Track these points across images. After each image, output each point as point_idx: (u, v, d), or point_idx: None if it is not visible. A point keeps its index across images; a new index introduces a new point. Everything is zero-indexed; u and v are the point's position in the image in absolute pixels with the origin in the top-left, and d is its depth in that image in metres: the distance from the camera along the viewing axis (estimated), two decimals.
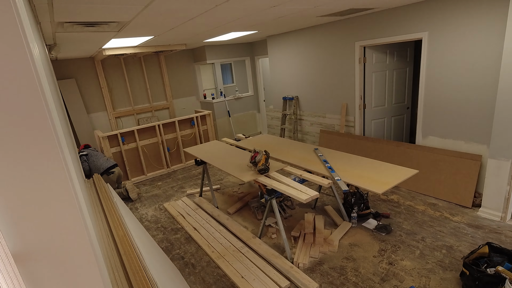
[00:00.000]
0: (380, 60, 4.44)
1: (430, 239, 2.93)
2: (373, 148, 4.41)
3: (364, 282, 2.49)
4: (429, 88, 3.71)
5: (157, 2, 2.16)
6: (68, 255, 0.90)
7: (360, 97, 4.57)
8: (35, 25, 1.92)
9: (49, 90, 1.33)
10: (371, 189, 2.48)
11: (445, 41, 3.42)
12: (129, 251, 2.06)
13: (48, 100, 0.95)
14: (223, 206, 4.02)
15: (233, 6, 2.61)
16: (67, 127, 3.06)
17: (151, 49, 5.15)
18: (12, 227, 0.80)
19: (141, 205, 4.35)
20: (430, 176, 3.75)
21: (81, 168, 3.66)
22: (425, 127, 3.87)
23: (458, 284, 2.36)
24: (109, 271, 1.73)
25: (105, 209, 2.91)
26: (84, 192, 2.04)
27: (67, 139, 1.85)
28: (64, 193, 0.86)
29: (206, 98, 7.22)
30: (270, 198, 2.83)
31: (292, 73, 5.74)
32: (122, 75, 6.24)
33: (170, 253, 3.13)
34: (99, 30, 2.96)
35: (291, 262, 2.76)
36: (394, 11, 3.81)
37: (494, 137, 3.01)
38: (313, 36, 5.05)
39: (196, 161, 3.91)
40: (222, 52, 6.87)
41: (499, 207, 3.11)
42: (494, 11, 2.97)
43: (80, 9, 2.14)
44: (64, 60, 5.57)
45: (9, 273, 0.76)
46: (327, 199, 3.96)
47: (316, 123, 5.52)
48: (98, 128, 6.05)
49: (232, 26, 3.80)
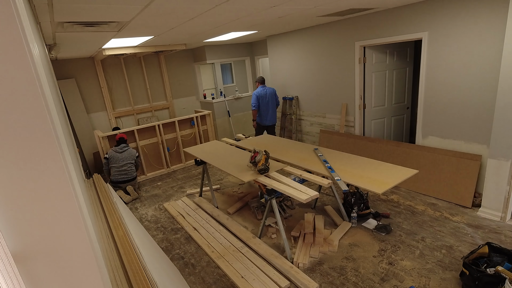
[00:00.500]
0: (380, 60, 4.44)
1: (430, 239, 2.93)
2: (373, 148, 4.41)
3: (364, 282, 2.49)
4: (429, 88, 3.71)
5: (157, 2, 2.16)
6: (68, 255, 0.90)
7: (360, 97, 4.57)
8: (35, 25, 1.92)
9: (49, 90, 1.33)
10: (371, 189, 2.48)
11: (445, 41, 3.42)
12: (129, 251, 2.06)
13: (48, 100, 0.95)
14: (223, 206, 4.02)
15: (233, 6, 2.61)
16: (67, 127, 3.06)
17: (151, 49, 5.15)
18: (12, 227, 0.80)
19: (141, 205, 4.35)
20: (430, 176, 3.75)
21: (81, 168, 3.65)
22: (425, 127, 3.87)
23: (458, 284, 2.36)
24: (109, 271, 1.73)
25: (105, 209, 2.91)
26: (84, 192, 2.04)
27: (67, 139, 1.85)
28: (64, 193, 0.86)
29: (206, 98, 7.22)
30: (270, 198, 2.83)
31: (292, 73, 5.74)
32: (122, 75, 6.24)
33: (170, 253, 3.13)
34: (99, 30, 2.96)
35: (291, 262, 2.76)
36: (394, 11, 3.81)
37: (494, 137, 3.01)
38: (313, 36, 5.05)
39: (196, 161, 3.91)
40: (222, 52, 6.88)
41: (499, 207, 3.11)
42: (494, 11, 2.97)
43: (80, 9, 2.14)
44: (64, 60, 5.57)
45: (9, 273, 0.76)
46: (327, 199, 3.96)
47: (316, 123, 5.52)
48: (98, 128, 6.05)
49: (232, 26, 3.80)
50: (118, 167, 4.52)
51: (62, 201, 0.86)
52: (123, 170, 4.53)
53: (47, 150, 0.81)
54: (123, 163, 4.53)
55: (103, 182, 3.97)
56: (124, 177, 4.54)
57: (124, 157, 4.55)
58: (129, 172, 4.58)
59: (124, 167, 4.54)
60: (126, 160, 4.55)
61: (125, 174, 4.54)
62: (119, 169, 4.52)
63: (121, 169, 4.52)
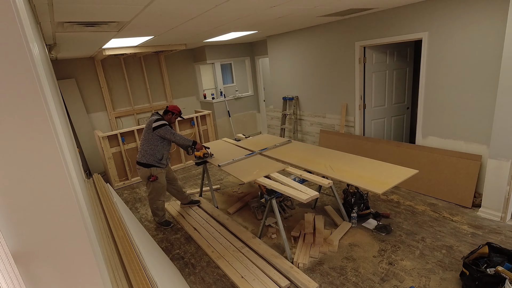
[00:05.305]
0: (380, 60, 4.44)
1: (430, 239, 2.93)
2: (373, 148, 4.41)
3: (364, 282, 2.49)
4: (429, 88, 3.71)
5: (157, 2, 2.16)
6: (68, 255, 0.90)
7: (360, 97, 4.57)
8: (35, 25, 1.92)
9: (49, 90, 1.33)
10: (371, 189, 2.48)
11: (445, 41, 3.42)
12: (129, 251, 2.06)
13: (48, 100, 0.95)
14: (223, 206, 4.02)
15: (233, 6, 2.61)
16: (67, 127, 3.06)
17: (151, 49, 5.15)
18: (12, 227, 0.80)
19: (141, 205, 4.35)
20: (430, 176, 3.75)
21: (81, 168, 3.64)
22: (425, 127, 3.87)
23: (458, 284, 2.36)
24: (109, 271, 1.73)
25: (105, 209, 2.91)
26: (84, 192, 2.04)
27: (67, 139, 1.85)
28: (64, 193, 0.86)
29: (206, 98, 7.22)
30: (270, 198, 2.83)
31: (292, 73, 5.73)
32: (122, 75, 6.23)
33: (170, 253, 3.13)
34: (99, 30, 2.96)
35: (291, 262, 2.76)
36: (394, 11, 3.81)
37: (494, 137, 3.01)
38: (313, 36, 5.05)
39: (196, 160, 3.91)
40: (222, 52, 6.87)
41: (499, 207, 3.11)
42: (494, 11, 2.96)
43: (80, 9, 2.14)
44: (64, 60, 5.57)
45: (9, 273, 0.76)
46: (327, 199, 3.96)
47: (316, 123, 5.52)
48: (98, 128, 6.05)
49: (232, 26, 3.80)
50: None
51: (62, 201, 0.86)
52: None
53: (47, 150, 0.81)
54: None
55: (103, 182, 3.97)
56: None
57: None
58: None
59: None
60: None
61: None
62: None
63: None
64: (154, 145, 3.35)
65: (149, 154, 3.34)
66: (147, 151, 3.34)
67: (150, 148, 3.34)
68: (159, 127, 3.31)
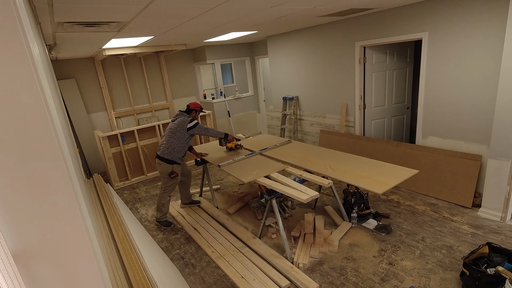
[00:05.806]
0: (380, 60, 4.44)
1: (430, 239, 2.93)
2: (373, 148, 4.41)
3: (364, 282, 2.48)
4: (429, 88, 3.71)
5: (157, 2, 2.16)
6: (68, 255, 0.90)
7: (360, 97, 4.57)
8: (35, 25, 1.92)
9: (49, 90, 1.33)
10: (371, 189, 2.48)
11: (445, 41, 3.42)
12: (129, 251, 2.06)
13: (48, 100, 0.95)
14: (223, 206, 4.02)
15: (233, 6, 2.61)
16: (67, 127, 3.06)
17: (151, 49, 5.15)
18: (12, 227, 0.80)
19: (141, 205, 4.35)
20: (430, 176, 3.75)
21: (81, 168, 3.64)
22: (425, 127, 3.87)
23: (458, 284, 2.36)
24: (109, 271, 1.73)
25: (105, 209, 2.91)
26: (84, 192, 2.04)
27: (67, 139, 1.85)
28: (64, 193, 0.86)
29: (206, 98, 7.22)
30: (270, 198, 2.83)
31: (292, 73, 5.73)
32: (122, 75, 6.23)
33: (170, 253, 3.13)
34: (99, 30, 2.96)
35: (291, 262, 2.76)
36: (394, 11, 3.81)
37: (494, 137, 3.01)
38: (313, 36, 5.05)
39: (196, 161, 3.91)
40: (222, 52, 6.87)
41: (499, 207, 3.11)
42: (494, 11, 2.96)
43: (80, 9, 2.14)
44: (64, 60, 5.57)
45: (9, 273, 0.76)
46: (327, 199, 3.96)
47: (316, 123, 5.52)
48: (98, 128, 6.05)
49: (232, 26, 3.80)
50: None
51: (62, 201, 0.86)
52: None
53: (47, 150, 0.81)
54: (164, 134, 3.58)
55: (103, 182, 3.97)
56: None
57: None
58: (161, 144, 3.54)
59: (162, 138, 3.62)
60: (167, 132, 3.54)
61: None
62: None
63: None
64: (185, 143, 3.46)
65: (176, 151, 3.43)
66: (175, 148, 3.41)
67: (178, 146, 3.42)
68: (194, 127, 3.43)
